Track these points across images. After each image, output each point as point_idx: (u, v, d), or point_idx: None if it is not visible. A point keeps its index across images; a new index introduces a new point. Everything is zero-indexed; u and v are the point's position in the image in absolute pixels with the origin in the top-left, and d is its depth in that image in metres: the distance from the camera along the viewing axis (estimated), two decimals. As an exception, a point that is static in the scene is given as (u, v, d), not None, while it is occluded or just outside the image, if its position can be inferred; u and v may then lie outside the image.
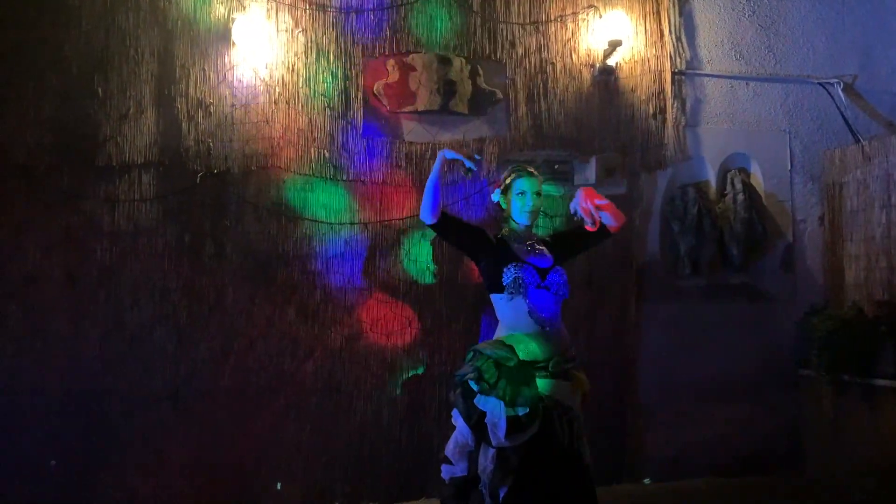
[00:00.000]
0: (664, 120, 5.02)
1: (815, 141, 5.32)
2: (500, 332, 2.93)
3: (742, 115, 5.22)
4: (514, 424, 2.66)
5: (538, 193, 3.01)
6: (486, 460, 2.69)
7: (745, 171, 5.24)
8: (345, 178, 4.54)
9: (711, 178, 5.21)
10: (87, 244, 4.23)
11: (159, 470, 4.21)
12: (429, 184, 2.90)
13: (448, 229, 3.04)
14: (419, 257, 4.60)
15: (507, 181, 3.04)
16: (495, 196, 3.10)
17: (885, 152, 4.85)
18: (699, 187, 5.16)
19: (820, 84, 5.32)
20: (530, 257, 2.94)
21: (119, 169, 4.27)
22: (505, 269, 2.86)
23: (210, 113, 4.38)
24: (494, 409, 2.69)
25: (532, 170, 3.07)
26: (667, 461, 4.82)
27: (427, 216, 2.93)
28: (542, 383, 2.77)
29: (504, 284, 2.84)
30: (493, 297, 2.94)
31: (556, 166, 4.79)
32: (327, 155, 4.52)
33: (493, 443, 2.66)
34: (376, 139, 4.59)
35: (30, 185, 4.15)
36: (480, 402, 2.74)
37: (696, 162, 5.16)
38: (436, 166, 2.90)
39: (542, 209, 3.17)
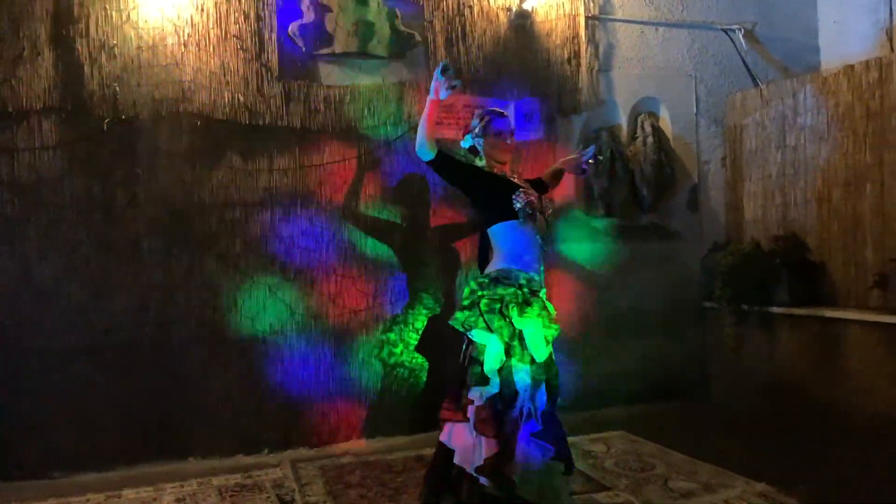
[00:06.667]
0: (578, 64, 5.12)
1: (719, 85, 5.58)
2: (502, 262, 2.99)
3: (651, 59, 5.40)
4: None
5: (513, 132, 3.19)
6: (525, 374, 2.86)
7: (654, 115, 5.44)
8: (261, 122, 4.41)
9: (623, 121, 5.39)
10: (-15, 195, 3.97)
11: (83, 425, 4.07)
12: (423, 122, 2.94)
13: (445, 165, 3.08)
14: (343, 203, 4.57)
15: (483, 124, 3.15)
16: (466, 142, 3.23)
17: (781, 96, 5.15)
18: (612, 131, 5.33)
19: (723, 30, 5.56)
20: (525, 187, 3.10)
21: (16, 115, 4.00)
22: (514, 196, 2.96)
23: (114, 55, 4.14)
24: (534, 329, 2.88)
25: (503, 111, 3.24)
26: (589, 392, 5.04)
27: (424, 153, 2.99)
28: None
29: (517, 209, 2.94)
30: (498, 228, 3.01)
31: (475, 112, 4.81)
32: (242, 99, 4.37)
33: (538, 358, 2.88)
34: (293, 82, 4.48)
35: (-86, 133, 3.84)
36: (518, 323, 2.88)
37: (609, 106, 5.32)
38: (428, 108, 2.92)
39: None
